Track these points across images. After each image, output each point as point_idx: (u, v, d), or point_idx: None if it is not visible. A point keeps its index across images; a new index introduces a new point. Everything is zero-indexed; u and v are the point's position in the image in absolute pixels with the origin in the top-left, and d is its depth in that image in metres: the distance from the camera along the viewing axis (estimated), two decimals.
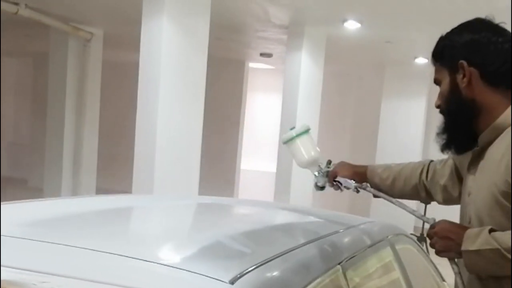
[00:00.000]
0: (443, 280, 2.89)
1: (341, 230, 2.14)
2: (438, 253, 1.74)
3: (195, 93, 5.35)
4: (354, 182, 2.08)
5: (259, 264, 1.39)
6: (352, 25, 6.99)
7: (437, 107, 1.85)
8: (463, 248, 1.65)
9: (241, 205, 3.10)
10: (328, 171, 2.16)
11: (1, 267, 1.27)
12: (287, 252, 1.57)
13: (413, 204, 2.03)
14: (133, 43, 5.84)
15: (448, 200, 2.03)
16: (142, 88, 5.07)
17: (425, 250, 2.91)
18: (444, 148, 1.83)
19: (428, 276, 2.78)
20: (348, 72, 11.74)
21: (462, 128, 1.78)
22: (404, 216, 2.43)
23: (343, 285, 1.68)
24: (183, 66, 5.16)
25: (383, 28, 7.28)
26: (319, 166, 2.17)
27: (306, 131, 2.20)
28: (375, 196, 2.08)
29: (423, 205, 5.40)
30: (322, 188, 2.19)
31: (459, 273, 1.77)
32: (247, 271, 1.33)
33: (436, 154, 2.02)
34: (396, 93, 10.45)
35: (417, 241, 2.89)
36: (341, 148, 11.51)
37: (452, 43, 1.79)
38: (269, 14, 6.84)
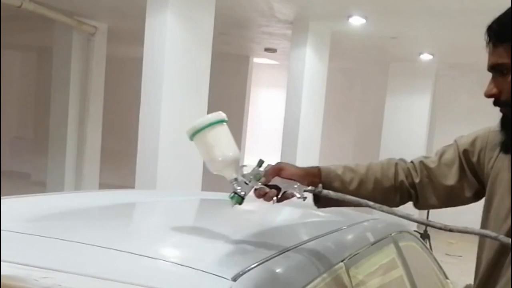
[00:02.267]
0: (447, 278, 2.88)
1: (344, 227, 2.13)
2: None
3: (199, 88, 5.34)
4: (302, 185, 1.57)
5: (261, 261, 1.39)
6: (357, 21, 6.97)
7: (492, 96, 1.49)
8: None
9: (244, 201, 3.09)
10: (258, 174, 1.57)
11: (2, 262, 1.26)
12: (290, 249, 1.56)
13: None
14: (137, 38, 5.84)
15: (448, 203, 1.73)
16: (146, 83, 5.07)
17: (429, 247, 2.90)
18: (505, 147, 1.52)
19: (432, 274, 2.77)
20: (352, 68, 11.73)
21: None
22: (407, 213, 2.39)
23: (346, 283, 1.67)
24: (187, 61, 5.15)
25: (388, 24, 7.26)
26: (240, 168, 1.58)
27: (221, 120, 1.59)
28: (321, 205, 1.68)
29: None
30: (242, 199, 1.57)
31: None
32: (249, 268, 1.32)
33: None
34: (400, 89, 10.43)
35: (420, 238, 2.88)
36: (345, 144, 11.51)
37: None
38: (273, 9, 6.82)
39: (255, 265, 1.35)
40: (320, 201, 1.68)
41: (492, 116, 1.63)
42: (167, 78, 4.95)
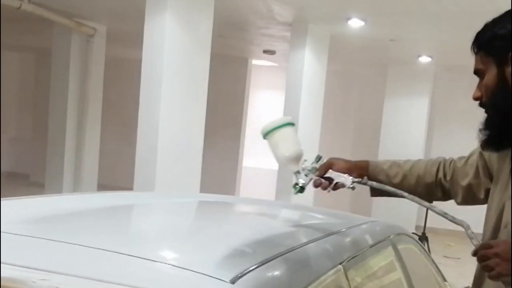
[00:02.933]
0: (445, 280, 2.88)
1: (342, 230, 2.13)
2: (498, 276, 1.51)
3: (198, 90, 5.35)
4: (351, 177, 1.85)
5: (260, 264, 1.39)
6: (355, 23, 6.98)
7: (476, 99, 1.68)
8: None
9: (243, 203, 3.09)
10: (315, 168, 1.88)
11: (1, 264, 1.26)
12: (289, 252, 1.56)
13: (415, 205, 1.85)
14: (136, 40, 5.84)
15: (468, 201, 1.89)
16: (145, 84, 5.07)
17: (427, 250, 2.90)
18: (485, 145, 1.67)
19: (430, 276, 2.77)
20: (351, 70, 11.73)
21: (507, 125, 1.62)
22: (405, 216, 2.40)
23: (344, 285, 1.67)
24: (185, 63, 5.16)
25: (386, 26, 7.27)
26: (303, 163, 1.89)
27: (289, 123, 1.91)
28: (374, 194, 1.89)
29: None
30: (303, 189, 1.87)
31: None
32: (248, 270, 1.32)
33: (439, 154, 1.97)
34: (399, 92, 10.44)
35: (418, 241, 2.88)
36: (343, 146, 11.50)
37: (503, 32, 1.60)
38: (272, 11, 6.83)
39: (253, 267, 1.35)
40: (373, 191, 1.94)
41: None
42: (165, 80, 4.95)
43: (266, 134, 1.89)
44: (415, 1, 5.93)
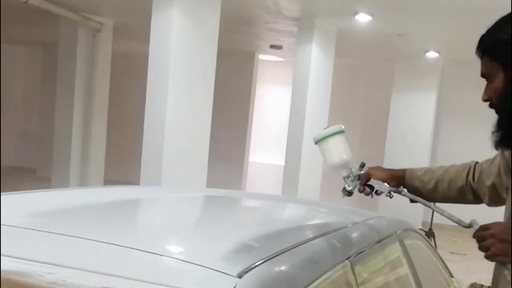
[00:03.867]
0: (452, 276, 2.87)
1: (349, 225, 2.12)
2: (493, 256, 1.58)
3: (205, 85, 5.34)
4: (388, 185, 1.96)
5: (267, 258, 1.38)
6: (363, 18, 6.95)
7: (486, 100, 1.71)
8: None
9: (249, 198, 3.09)
10: (359, 175, 2.01)
11: (8, 257, 1.26)
12: (295, 247, 1.56)
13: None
14: (143, 34, 5.83)
15: (496, 201, 1.91)
16: (151, 79, 5.06)
17: (434, 246, 2.89)
18: (498, 145, 1.69)
19: (437, 272, 2.76)
20: (358, 65, 11.70)
21: None
22: (412, 211, 2.39)
23: (351, 280, 1.67)
24: (192, 58, 5.15)
25: (394, 21, 7.24)
26: (350, 169, 2.02)
27: (340, 131, 2.05)
28: (412, 201, 1.98)
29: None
30: (350, 193, 2.02)
31: None
32: (254, 265, 1.32)
33: (446, 149, 1.97)
34: (406, 87, 10.40)
35: (425, 237, 2.87)
36: (351, 141, 11.34)
37: (506, 37, 1.61)
38: (279, 6, 6.81)
39: (260, 262, 1.35)
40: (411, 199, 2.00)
41: None
42: (172, 74, 4.95)
43: (318, 141, 2.03)
44: None
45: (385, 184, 1.96)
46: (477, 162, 2.00)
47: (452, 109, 10.96)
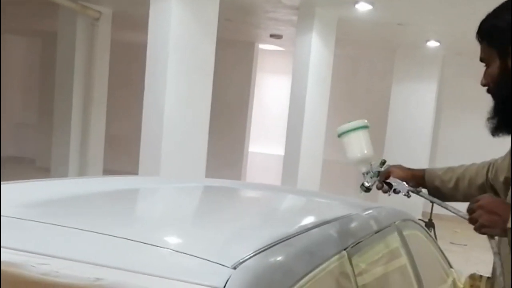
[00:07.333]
0: (451, 267, 2.86)
1: (347, 215, 2.11)
2: (480, 228, 1.58)
3: (204, 75, 5.31)
4: (407, 185, 1.94)
5: (262, 249, 1.37)
6: (363, 7, 6.91)
7: (484, 85, 1.74)
8: (509, 225, 1.54)
9: (247, 189, 3.07)
10: (379, 171, 2.00)
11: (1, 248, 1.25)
12: (292, 237, 1.54)
13: None
14: (142, 23, 5.80)
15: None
16: (150, 69, 5.04)
17: (433, 236, 2.88)
18: (495, 131, 1.71)
19: (436, 263, 2.75)
20: (358, 54, 11.66)
21: None
22: (412, 202, 2.37)
23: (348, 271, 1.65)
24: (191, 47, 5.12)
25: (395, 10, 7.20)
26: (370, 165, 2.01)
27: (364, 126, 2.04)
28: (430, 201, 1.97)
29: None
30: (368, 189, 2.01)
31: (498, 253, 1.65)
32: (249, 256, 1.31)
33: (447, 139, 1.96)
34: (407, 77, 10.36)
35: (424, 227, 2.85)
36: None
37: (504, 24, 1.63)
38: None
39: (255, 253, 1.33)
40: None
41: None
42: (171, 64, 4.92)
43: (341, 134, 2.02)
44: None
45: (404, 183, 1.94)
46: (496, 159, 1.98)
47: (452, 99, 10.93)
